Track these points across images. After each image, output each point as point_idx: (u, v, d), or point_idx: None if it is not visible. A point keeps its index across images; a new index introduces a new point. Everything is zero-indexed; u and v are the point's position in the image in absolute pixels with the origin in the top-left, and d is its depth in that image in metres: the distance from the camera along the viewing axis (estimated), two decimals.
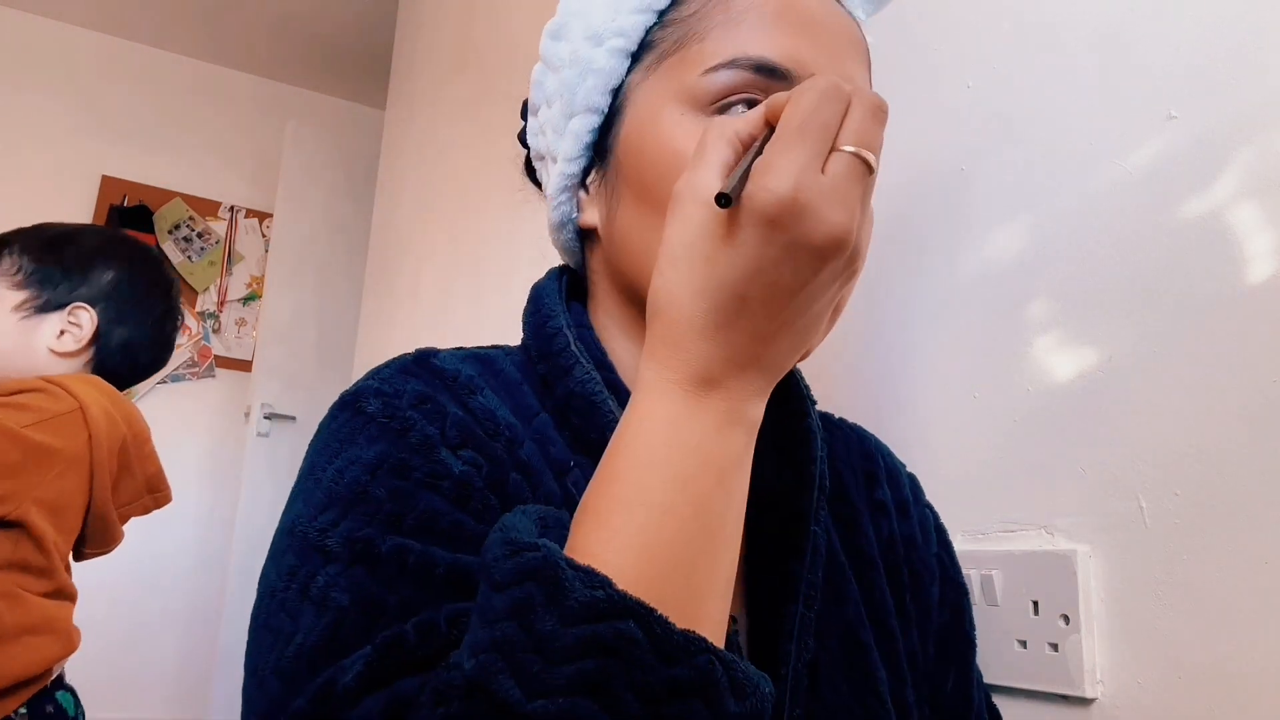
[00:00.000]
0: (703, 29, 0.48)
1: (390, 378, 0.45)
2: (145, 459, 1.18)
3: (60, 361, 1.15)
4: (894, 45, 0.83)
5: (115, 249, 1.22)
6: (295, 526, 0.40)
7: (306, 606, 0.37)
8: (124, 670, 2.96)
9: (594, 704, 0.30)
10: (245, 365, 3.40)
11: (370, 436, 0.42)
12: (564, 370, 0.48)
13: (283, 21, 3.35)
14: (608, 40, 0.49)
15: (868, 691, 0.49)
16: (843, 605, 0.51)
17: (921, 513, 0.60)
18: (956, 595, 0.59)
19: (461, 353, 0.49)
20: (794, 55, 0.46)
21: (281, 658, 0.36)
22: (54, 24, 3.35)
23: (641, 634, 0.30)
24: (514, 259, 1.57)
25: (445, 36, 2.31)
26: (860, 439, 0.62)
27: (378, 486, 0.40)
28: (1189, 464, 0.55)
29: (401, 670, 0.34)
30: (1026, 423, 0.65)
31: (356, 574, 0.37)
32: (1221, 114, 0.56)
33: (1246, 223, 0.54)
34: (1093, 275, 0.62)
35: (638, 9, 0.49)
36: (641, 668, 0.30)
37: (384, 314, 2.45)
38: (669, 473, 0.35)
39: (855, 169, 0.36)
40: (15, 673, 1.01)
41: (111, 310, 1.19)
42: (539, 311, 0.52)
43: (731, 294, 0.35)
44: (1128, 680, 0.56)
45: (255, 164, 3.58)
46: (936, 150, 0.77)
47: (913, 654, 0.54)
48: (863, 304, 0.82)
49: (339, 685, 0.34)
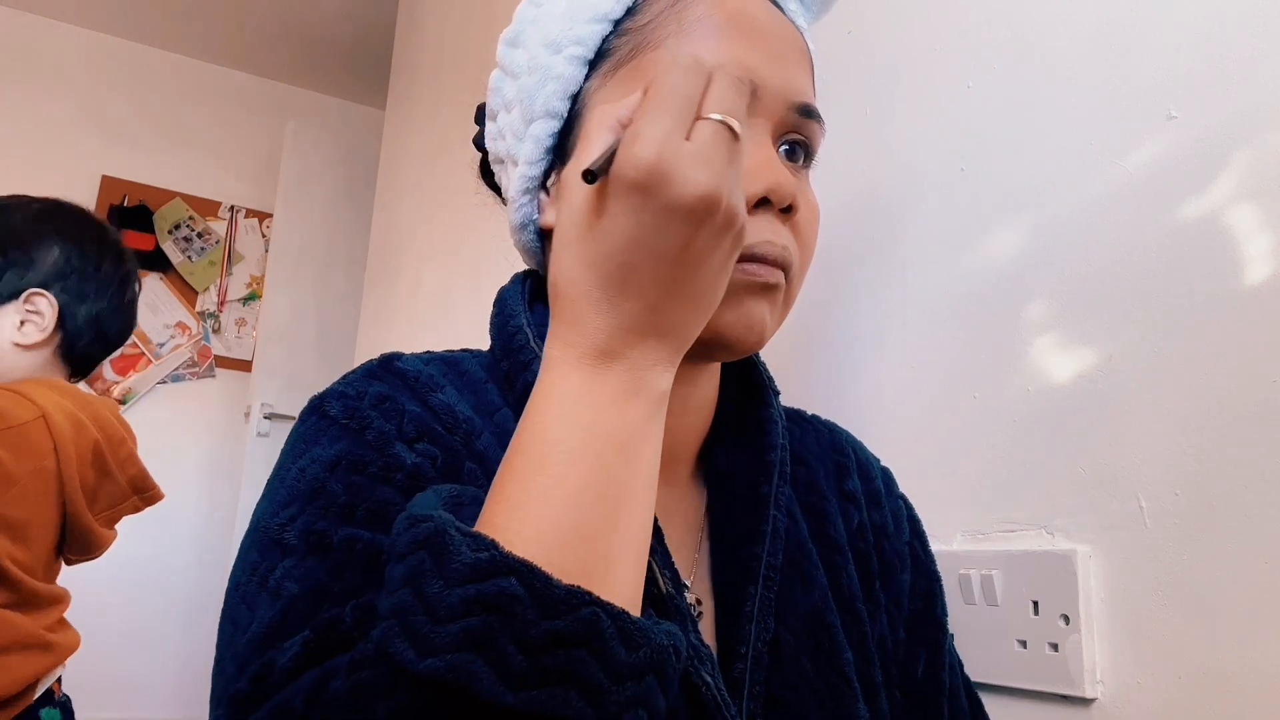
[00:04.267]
0: (656, 38, 0.49)
1: (355, 381, 0.47)
2: (125, 461, 1.10)
3: (26, 354, 1.07)
4: (894, 46, 0.83)
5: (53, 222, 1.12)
6: (259, 524, 0.43)
7: (263, 597, 0.39)
8: (124, 670, 2.96)
9: (479, 658, 0.30)
10: (245, 365, 3.39)
11: (332, 437, 0.44)
12: (523, 365, 0.50)
13: (283, 21, 3.35)
14: (566, 48, 0.51)
15: (832, 670, 0.50)
16: (809, 588, 0.52)
17: (894, 504, 0.62)
18: (929, 583, 0.60)
19: (427, 355, 0.51)
20: (742, 63, 0.48)
21: (237, 646, 0.38)
22: (54, 24, 3.35)
23: (523, 590, 0.31)
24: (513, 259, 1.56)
25: (445, 36, 2.31)
26: (831, 433, 0.63)
27: (335, 482, 0.42)
28: (1189, 464, 0.55)
29: (336, 650, 0.36)
30: (1026, 423, 0.65)
31: (309, 564, 0.39)
32: (1221, 114, 0.56)
33: (1246, 223, 0.54)
34: (1093, 275, 0.62)
35: (594, 19, 0.51)
36: (523, 621, 0.31)
37: (384, 314, 2.45)
38: (569, 445, 0.36)
39: (720, 134, 0.37)
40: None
41: (70, 289, 1.10)
42: (503, 314, 0.54)
43: (617, 264, 0.37)
44: (1128, 680, 0.56)
45: (255, 164, 3.57)
46: (936, 150, 0.77)
47: (882, 638, 0.55)
48: (863, 304, 0.82)
49: (277, 666, 0.36)
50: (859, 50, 0.88)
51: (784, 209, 0.48)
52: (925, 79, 0.79)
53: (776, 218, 0.48)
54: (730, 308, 0.46)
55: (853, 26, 0.89)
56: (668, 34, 0.49)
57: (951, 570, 0.67)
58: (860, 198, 0.84)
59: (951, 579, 0.66)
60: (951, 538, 0.69)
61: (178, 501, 3.14)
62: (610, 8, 0.51)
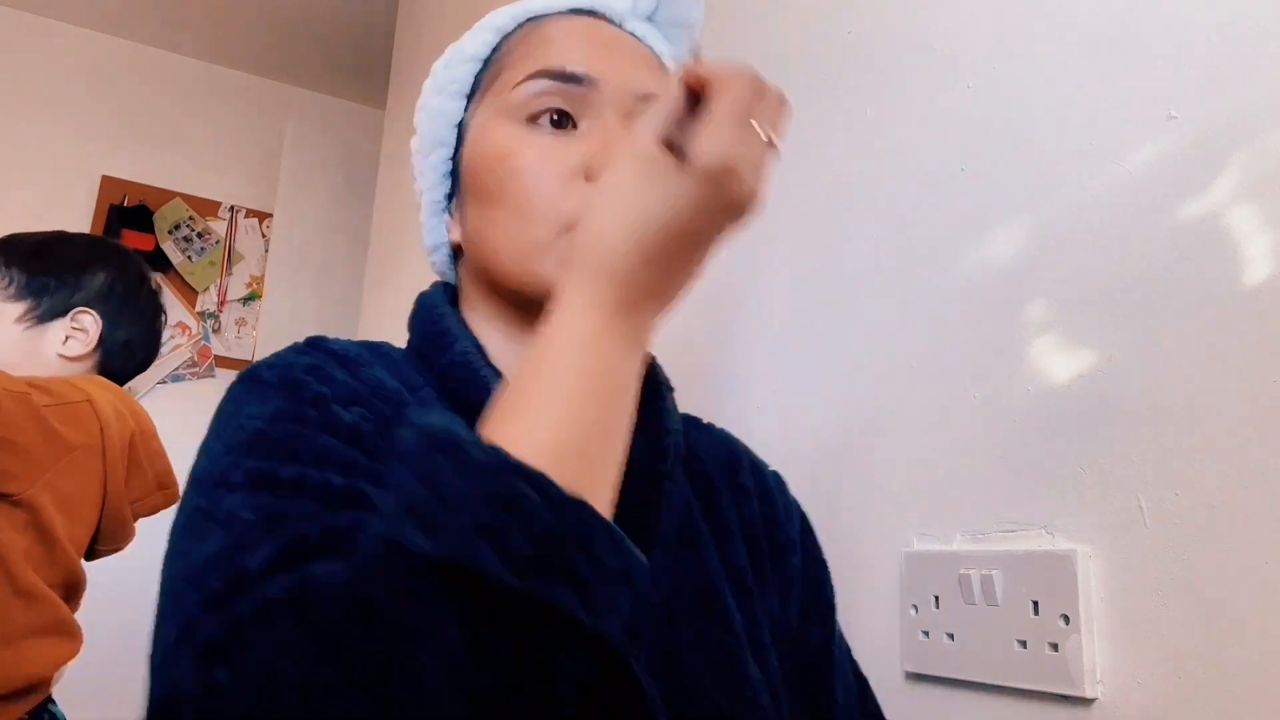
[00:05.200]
0: (512, 59, 0.58)
1: (284, 355, 0.49)
2: (154, 455, 1.21)
3: (69, 365, 1.19)
4: (894, 46, 0.83)
5: (100, 252, 1.27)
6: (198, 477, 0.43)
7: (212, 528, 0.39)
8: (123, 670, 2.95)
9: (490, 548, 0.33)
10: (245, 365, 3.38)
11: (264, 396, 0.45)
12: (446, 346, 0.55)
13: (283, 21, 3.35)
14: (447, 88, 0.61)
15: (724, 630, 0.54)
16: (701, 560, 0.56)
17: (786, 501, 0.66)
18: (819, 570, 0.65)
19: (352, 340, 0.54)
20: (587, 63, 0.55)
21: (190, 568, 0.39)
22: (54, 24, 3.35)
23: (534, 492, 0.35)
24: None
25: (445, 37, 2.31)
26: (725, 438, 0.68)
27: (275, 430, 0.43)
28: (1189, 464, 0.55)
29: (308, 557, 0.36)
30: (1026, 423, 0.65)
31: (260, 498, 0.40)
32: (1221, 114, 0.56)
33: (1246, 223, 0.54)
34: (1093, 275, 0.62)
35: (465, 60, 0.61)
36: (533, 519, 0.34)
37: (384, 314, 2.45)
38: (583, 378, 0.40)
39: (768, 148, 0.42)
40: (25, 675, 1.00)
41: (110, 311, 1.23)
42: (425, 309, 0.60)
43: (660, 233, 0.41)
44: (1128, 680, 0.56)
45: (255, 164, 3.57)
46: (936, 150, 0.77)
47: (771, 610, 0.59)
48: (864, 304, 0.82)
49: (249, 567, 0.36)
50: (859, 50, 0.88)
51: None
52: (925, 79, 0.79)
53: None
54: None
55: (852, 27, 0.89)
56: (521, 54, 0.58)
57: (951, 570, 0.67)
58: (860, 198, 0.84)
59: (951, 579, 0.66)
60: (951, 538, 0.69)
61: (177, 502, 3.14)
62: (477, 50, 0.61)
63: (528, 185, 0.54)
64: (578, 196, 0.52)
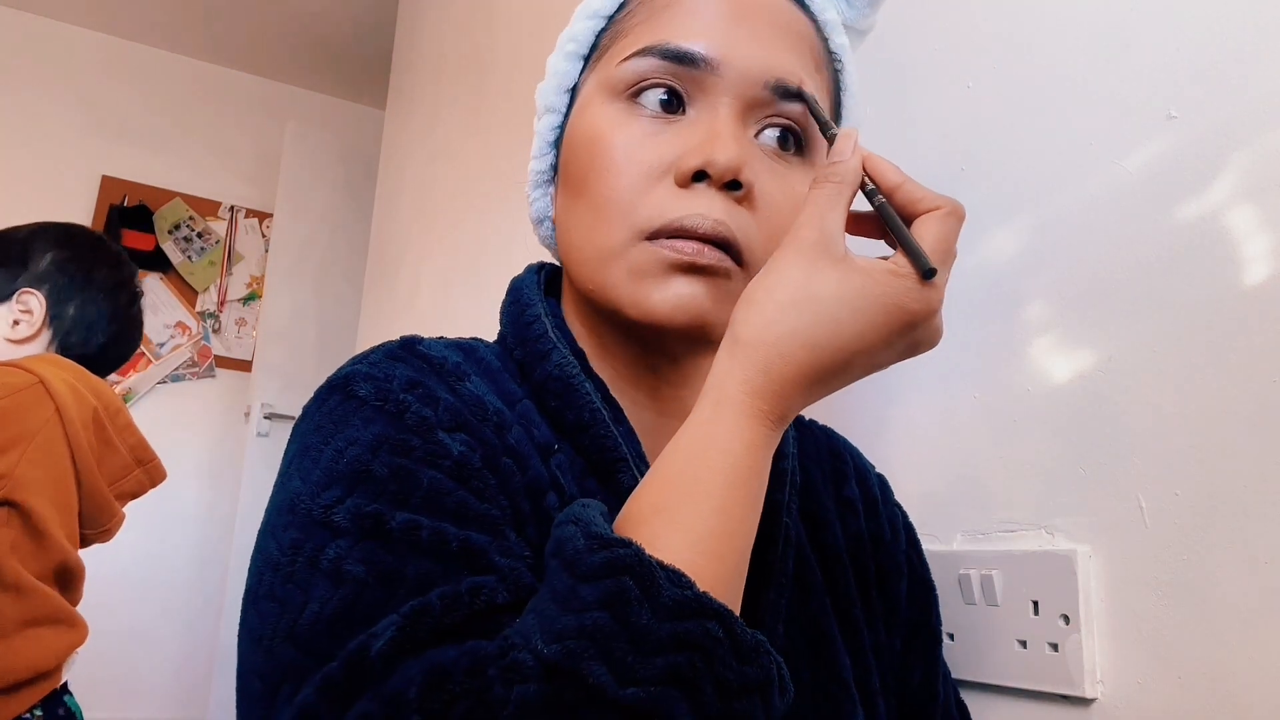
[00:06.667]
0: (629, 26, 0.51)
1: (378, 362, 0.45)
2: (123, 429, 1.19)
3: (20, 348, 1.19)
4: (894, 46, 0.83)
5: (48, 233, 1.26)
6: (296, 504, 0.40)
7: (318, 578, 0.37)
8: (124, 670, 2.96)
9: (680, 694, 0.32)
10: (245, 365, 3.39)
11: (365, 418, 0.41)
12: (542, 355, 0.50)
13: (283, 21, 3.35)
14: (565, 46, 0.54)
15: (830, 679, 0.51)
16: (808, 596, 0.53)
17: (890, 511, 0.62)
18: (925, 593, 0.61)
19: (444, 341, 0.51)
20: (709, 39, 0.48)
21: (295, 625, 0.36)
22: (54, 24, 3.35)
23: (723, 633, 0.34)
24: (513, 259, 1.57)
25: (445, 36, 2.31)
26: (828, 438, 0.64)
27: (380, 465, 0.39)
28: (1189, 464, 0.55)
29: (432, 638, 0.34)
30: (1026, 423, 0.65)
31: (369, 547, 0.37)
32: (1221, 114, 0.56)
33: (1246, 223, 0.54)
34: (1093, 275, 0.62)
35: (589, 16, 0.54)
36: (722, 664, 0.33)
37: (384, 314, 2.45)
38: (743, 492, 0.39)
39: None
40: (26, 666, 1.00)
41: (58, 289, 1.22)
42: (517, 302, 0.54)
43: (842, 358, 0.40)
44: (1128, 680, 0.56)
45: (255, 164, 3.57)
46: (936, 150, 0.77)
47: (878, 646, 0.55)
48: None
49: (372, 650, 0.34)
50: (858, 51, 0.88)
51: (728, 185, 0.47)
52: (925, 79, 0.79)
53: (720, 194, 0.47)
54: (656, 286, 0.46)
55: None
56: (639, 21, 0.51)
57: (951, 570, 0.67)
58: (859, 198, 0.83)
59: (951, 579, 0.66)
60: (951, 538, 0.69)
61: (177, 501, 3.14)
62: (602, 5, 0.53)
63: (609, 181, 0.48)
64: (659, 201, 0.47)
